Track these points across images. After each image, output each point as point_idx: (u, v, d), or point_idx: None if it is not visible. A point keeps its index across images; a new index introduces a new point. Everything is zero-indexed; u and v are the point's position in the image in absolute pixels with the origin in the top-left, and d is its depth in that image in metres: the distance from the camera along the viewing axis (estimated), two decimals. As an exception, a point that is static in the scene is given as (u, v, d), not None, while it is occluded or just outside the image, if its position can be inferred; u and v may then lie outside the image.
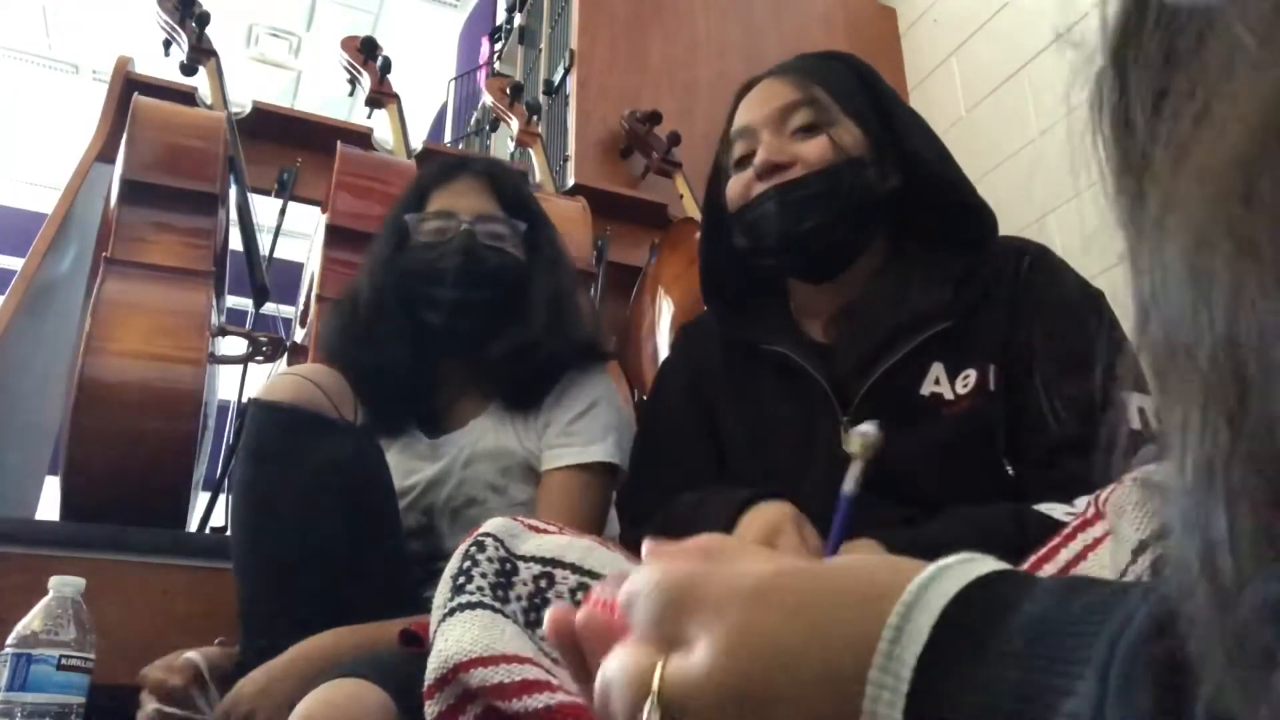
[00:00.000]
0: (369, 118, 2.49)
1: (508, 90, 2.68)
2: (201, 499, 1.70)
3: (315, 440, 1.08)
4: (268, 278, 1.90)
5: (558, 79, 2.87)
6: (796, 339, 1.02)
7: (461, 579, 0.65)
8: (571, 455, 1.17)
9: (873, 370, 0.94)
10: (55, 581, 0.99)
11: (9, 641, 0.95)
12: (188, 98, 2.09)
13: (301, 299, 2.15)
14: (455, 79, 4.14)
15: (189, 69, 2.20)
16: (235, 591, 1.07)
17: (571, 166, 2.59)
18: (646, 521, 0.99)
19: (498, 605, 0.65)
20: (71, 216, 1.89)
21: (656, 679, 0.31)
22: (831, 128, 0.98)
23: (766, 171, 0.98)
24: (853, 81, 1.03)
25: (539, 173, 2.45)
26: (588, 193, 2.35)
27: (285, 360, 1.90)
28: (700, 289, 1.14)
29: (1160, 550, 0.26)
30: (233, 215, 1.93)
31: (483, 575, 0.66)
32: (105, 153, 2.00)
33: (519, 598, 0.67)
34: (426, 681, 0.61)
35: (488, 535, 0.69)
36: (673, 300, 2.12)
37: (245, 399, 1.83)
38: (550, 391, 1.23)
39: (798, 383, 0.98)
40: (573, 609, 0.38)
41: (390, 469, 1.24)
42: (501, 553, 0.68)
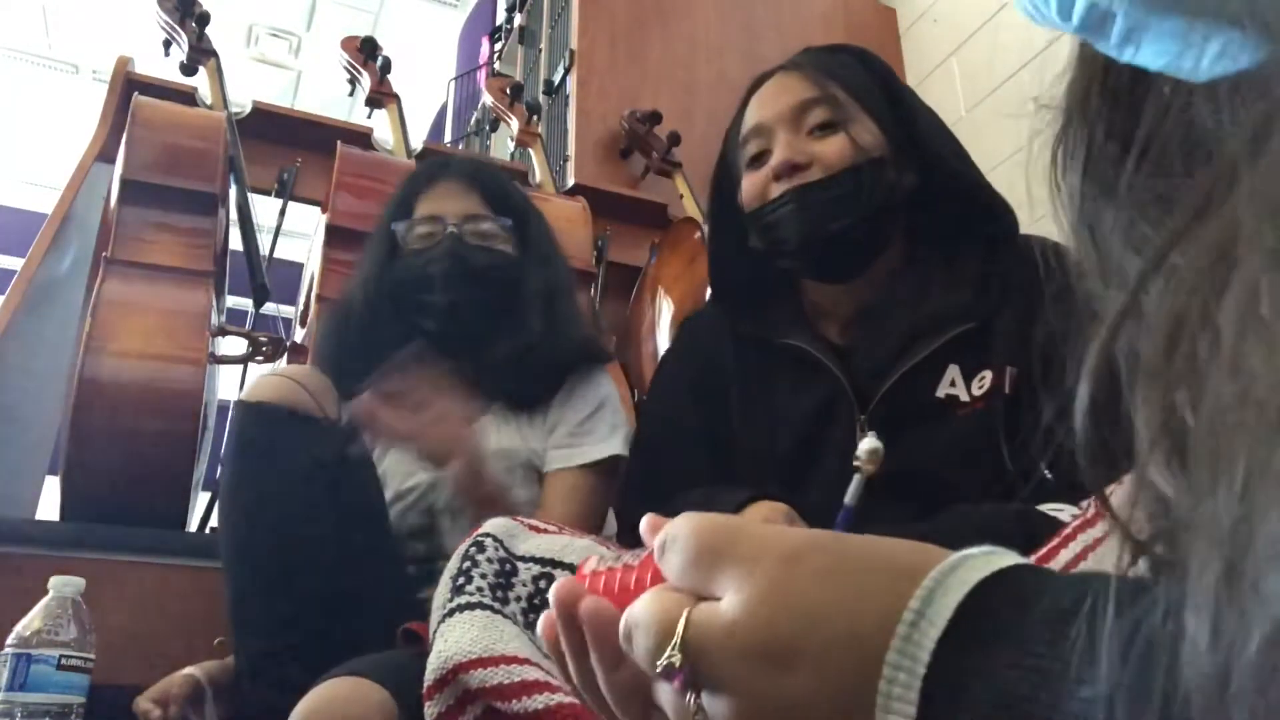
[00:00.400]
0: (369, 118, 2.49)
1: (508, 90, 2.68)
2: (201, 499, 1.70)
3: (299, 438, 1.08)
4: (268, 278, 1.90)
5: (558, 79, 2.87)
6: (813, 336, 1.01)
7: (461, 579, 0.66)
8: (583, 455, 1.18)
9: (891, 373, 0.93)
10: (55, 581, 0.99)
11: (9, 641, 0.95)
12: (188, 98, 2.09)
13: (301, 299, 2.15)
14: (455, 79, 4.13)
15: (189, 69, 2.19)
16: (226, 593, 1.06)
17: (571, 166, 2.59)
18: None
19: (497, 606, 0.65)
20: (71, 216, 1.89)
21: (682, 623, 0.32)
22: (849, 125, 0.96)
23: (785, 172, 0.96)
24: (867, 76, 1.01)
25: (539, 173, 2.45)
26: (588, 193, 2.35)
27: (285, 360, 1.91)
28: (709, 284, 1.13)
29: (1160, 553, 0.26)
30: (233, 215, 1.93)
31: (482, 576, 0.66)
32: (105, 153, 2.00)
33: (518, 598, 0.67)
34: (426, 682, 0.61)
35: (487, 535, 0.69)
36: (673, 300, 2.12)
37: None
38: (555, 392, 1.23)
39: (813, 380, 0.97)
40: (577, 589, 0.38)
41: (392, 470, 1.25)
42: (501, 553, 0.68)
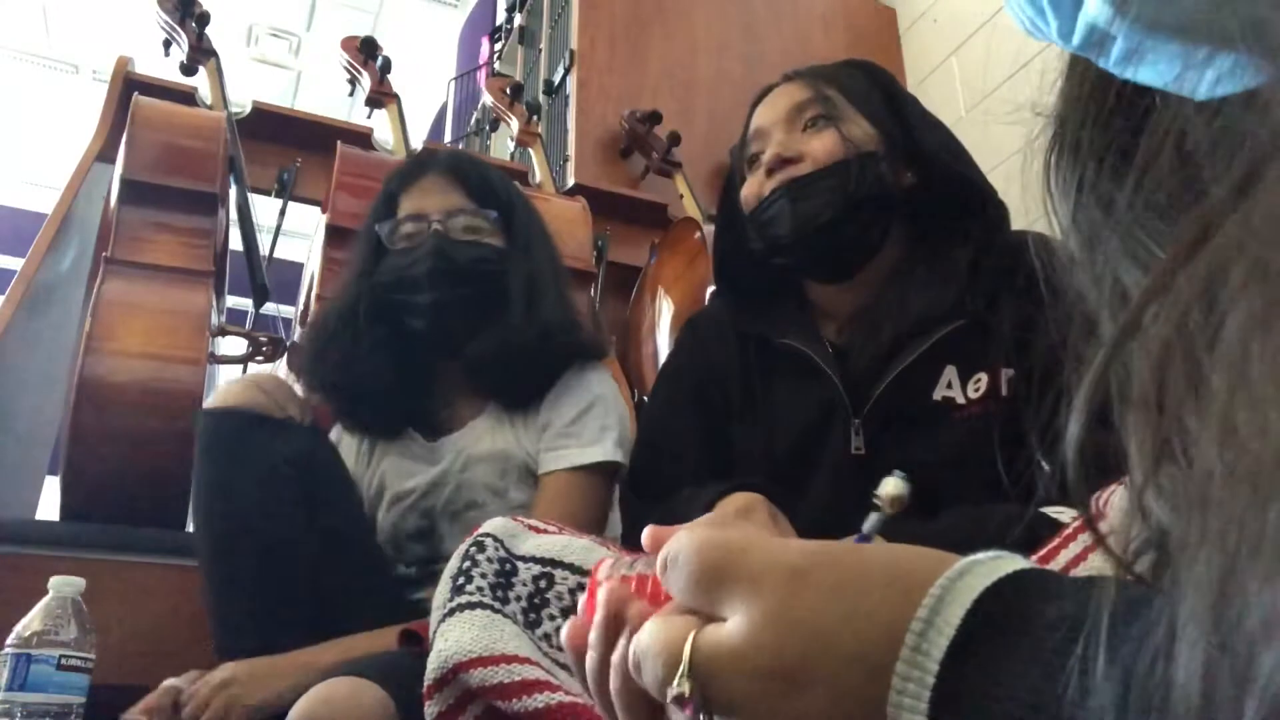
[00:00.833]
0: (369, 118, 2.49)
1: (508, 90, 2.68)
2: (201, 499, 1.70)
3: (264, 438, 1.09)
4: (268, 278, 1.90)
5: (558, 79, 2.87)
6: (813, 337, 1.02)
7: (461, 579, 0.65)
8: (570, 457, 1.16)
9: (885, 375, 0.94)
10: (55, 581, 0.99)
11: (9, 641, 0.95)
12: (188, 98, 2.09)
13: (301, 299, 2.15)
14: (455, 79, 4.13)
15: (189, 69, 2.20)
16: (206, 596, 1.08)
17: (571, 166, 2.59)
18: (645, 522, 0.99)
19: (497, 605, 0.65)
20: (71, 216, 1.89)
21: (688, 649, 0.31)
22: (841, 122, 0.98)
23: (776, 165, 0.98)
24: (866, 82, 1.03)
25: (539, 173, 2.45)
26: (588, 193, 2.35)
27: (285, 360, 1.91)
28: (715, 287, 1.14)
29: (1159, 554, 0.26)
30: (233, 215, 1.93)
31: (482, 575, 0.66)
32: (105, 153, 2.00)
33: (518, 598, 0.67)
34: (426, 681, 0.61)
35: (487, 535, 0.69)
36: (673, 300, 2.12)
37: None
38: (547, 389, 1.22)
39: (812, 381, 0.98)
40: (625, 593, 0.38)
41: (391, 472, 1.24)
42: (501, 553, 0.68)
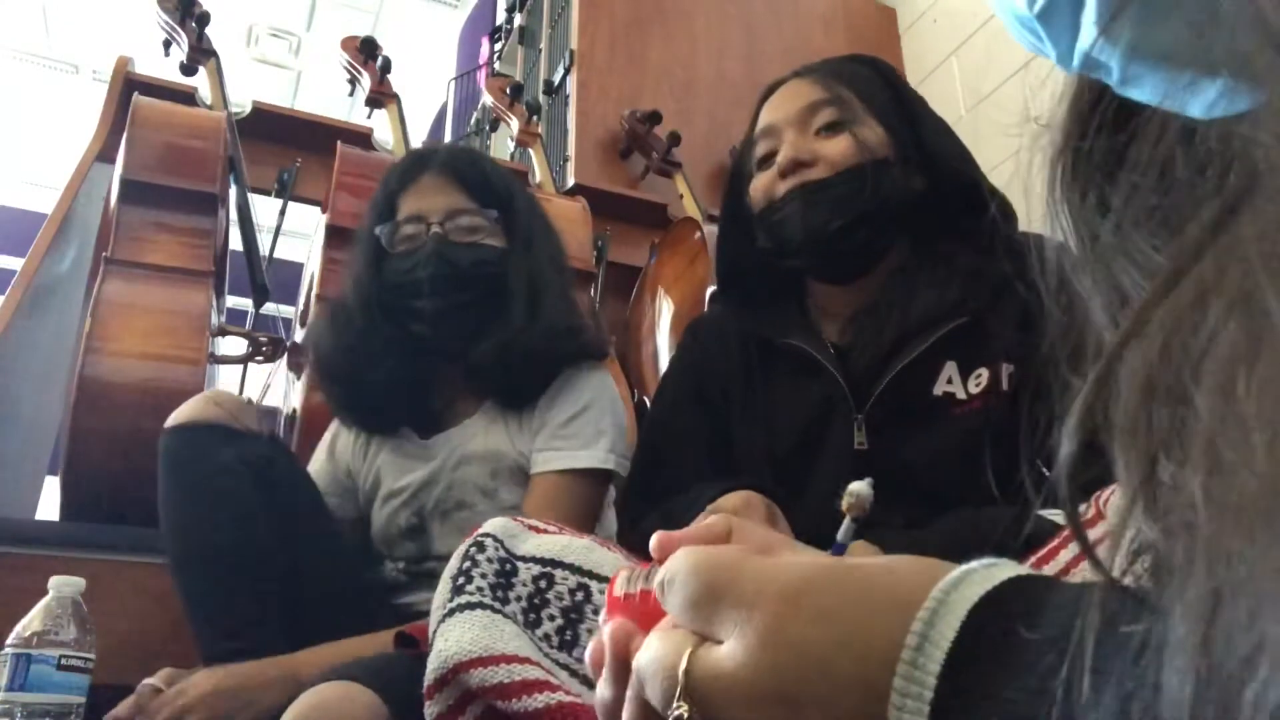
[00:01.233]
0: (369, 118, 2.49)
1: (508, 90, 2.68)
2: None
3: (221, 447, 1.10)
4: (268, 278, 1.91)
5: (558, 79, 2.87)
6: (815, 337, 1.02)
7: (461, 579, 0.65)
8: (561, 460, 1.15)
9: (886, 372, 0.94)
10: (55, 581, 0.99)
11: (9, 641, 0.95)
12: (188, 98, 2.09)
13: (301, 299, 2.15)
14: (455, 79, 4.13)
15: (189, 69, 2.20)
16: (184, 606, 1.09)
17: (571, 166, 2.59)
18: (646, 521, 0.99)
19: (497, 605, 0.65)
20: (71, 216, 1.89)
21: (682, 670, 0.31)
22: (856, 126, 0.98)
23: (790, 169, 0.97)
24: (877, 82, 1.03)
25: (539, 173, 2.45)
26: (588, 193, 2.35)
27: (285, 360, 1.91)
28: (717, 286, 1.14)
29: (1159, 555, 0.26)
30: (233, 215, 1.93)
31: (482, 576, 0.66)
32: (105, 153, 2.00)
33: (519, 598, 0.67)
34: (426, 682, 0.61)
35: (487, 535, 0.69)
36: (673, 300, 2.12)
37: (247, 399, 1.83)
38: (544, 390, 1.21)
39: (814, 379, 0.98)
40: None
41: (385, 468, 1.25)
42: (501, 553, 0.68)
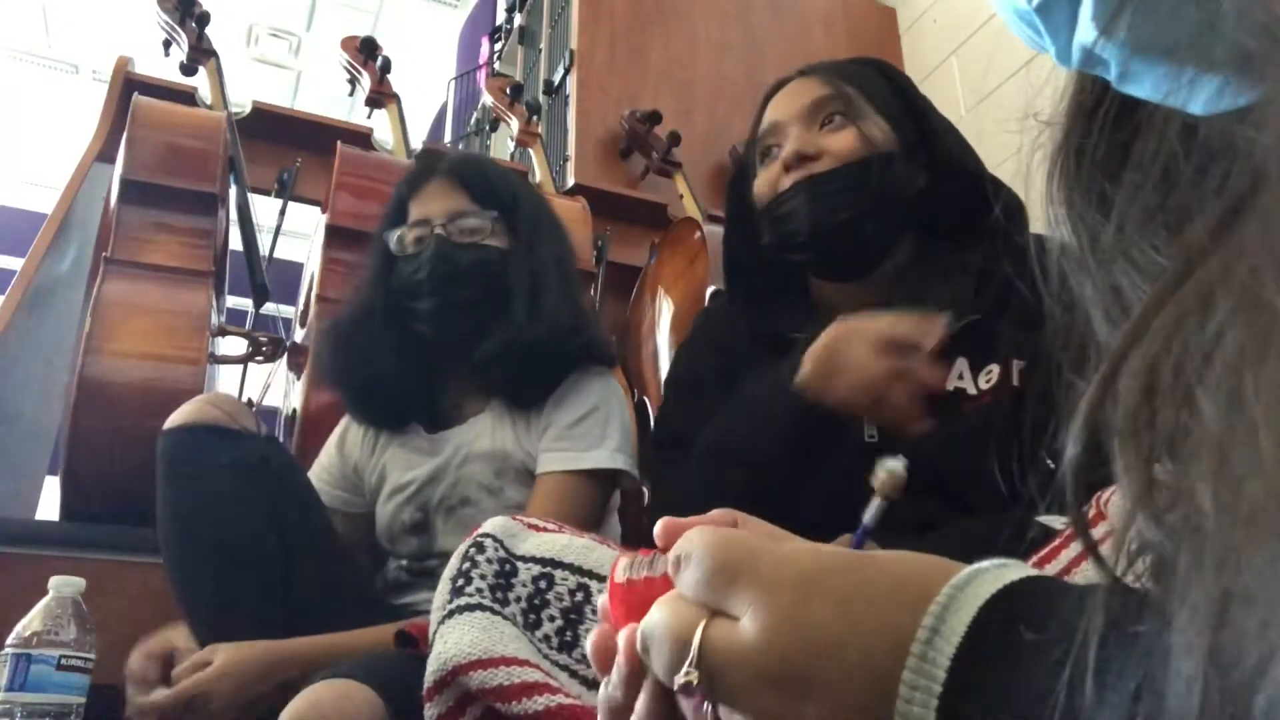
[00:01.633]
0: (369, 118, 2.49)
1: (508, 90, 2.68)
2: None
3: (219, 448, 1.11)
4: (268, 278, 1.90)
5: (558, 79, 2.87)
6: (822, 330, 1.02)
7: (461, 580, 0.65)
8: (565, 461, 1.16)
9: None
10: (55, 581, 0.99)
11: (9, 641, 0.95)
12: (188, 98, 2.09)
13: (301, 299, 2.15)
14: (455, 79, 4.13)
15: (189, 69, 2.19)
16: (183, 610, 1.09)
17: (571, 166, 2.59)
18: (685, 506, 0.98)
19: (497, 607, 0.64)
20: (71, 216, 1.89)
21: (697, 639, 0.32)
22: (860, 121, 0.98)
23: (795, 162, 0.98)
24: (882, 81, 1.03)
25: (539, 173, 2.45)
26: (588, 193, 2.35)
27: (285, 360, 1.91)
28: (725, 285, 1.14)
29: (1160, 555, 0.26)
30: (233, 215, 1.93)
31: (482, 576, 0.66)
32: (105, 153, 2.00)
33: (518, 599, 0.67)
34: (426, 684, 0.61)
35: (487, 536, 0.68)
36: (673, 300, 2.12)
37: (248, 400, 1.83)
38: (552, 390, 1.22)
39: None
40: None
41: (391, 464, 1.26)
42: (501, 553, 0.68)
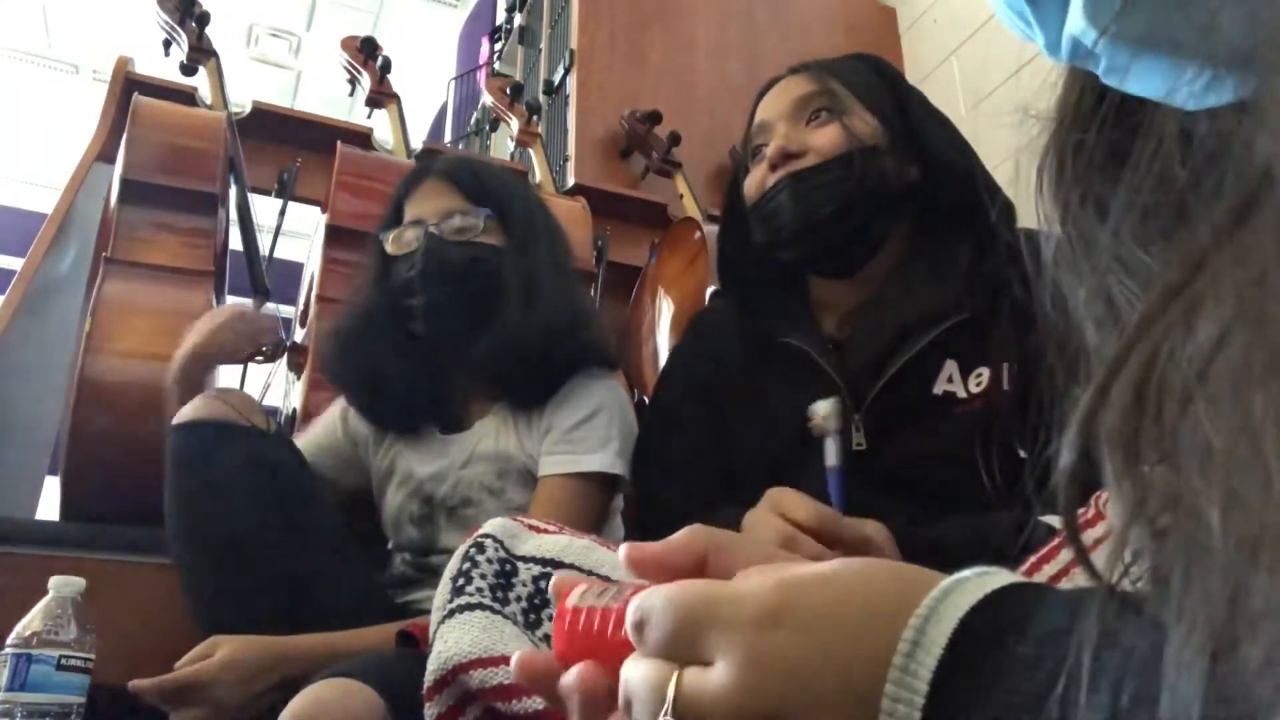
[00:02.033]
0: (369, 118, 2.49)
1: (508, 90, 2.68)
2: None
3: (231, 444, 1.12)
4: (268, 278, 1.90)
5: (558, 79, 2.87)
6: (813, 334, 1.02)
7: (461, 580, 0.65)
8: (567, 464, 1.16)
9: (885, 369, 0.94)
10: (55, 581, 0.99)
11: (9, 641, 0.95)
12: (188, 98, 2.09)
13: (301, 299, 2.15)
14: (455, 79, 4.13)
15: (189, 69, 2.19)
16: (190, 607, 1.10)
17: (571, 166, 2.59)
18: (663, 525, 0.98)
19: (497, 606, 0.64)
20: (71, 216, 1.89)
21: (671, 690, 0.31)
22: (845, 116, 0.98)
23: (779, 159, 0.98)
24: (871, 75, 1.03)
25: (539, 173, 2.45)
26: (588, 193, 2.35)
27: (285, 360, 1.90)
28: (719, 283, 1.14)
29: (1156, 565, 0.26)
30: (233, 215, 1.92)
31: (482, 576, 0.66)
32: (105, 153, 1.99)
33: (519, 599, 0.67)
34: (426, 683, 0.61)
35: (487, 536, 0.69)
36: (673, 300, 2.12)
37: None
38: (553, 391, 1.22)
39: (811, 379, 0.97)
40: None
41: (398, 456, 1.27)
42: (501, 553, 0.68)
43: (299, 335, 2.03)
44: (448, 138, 3.94)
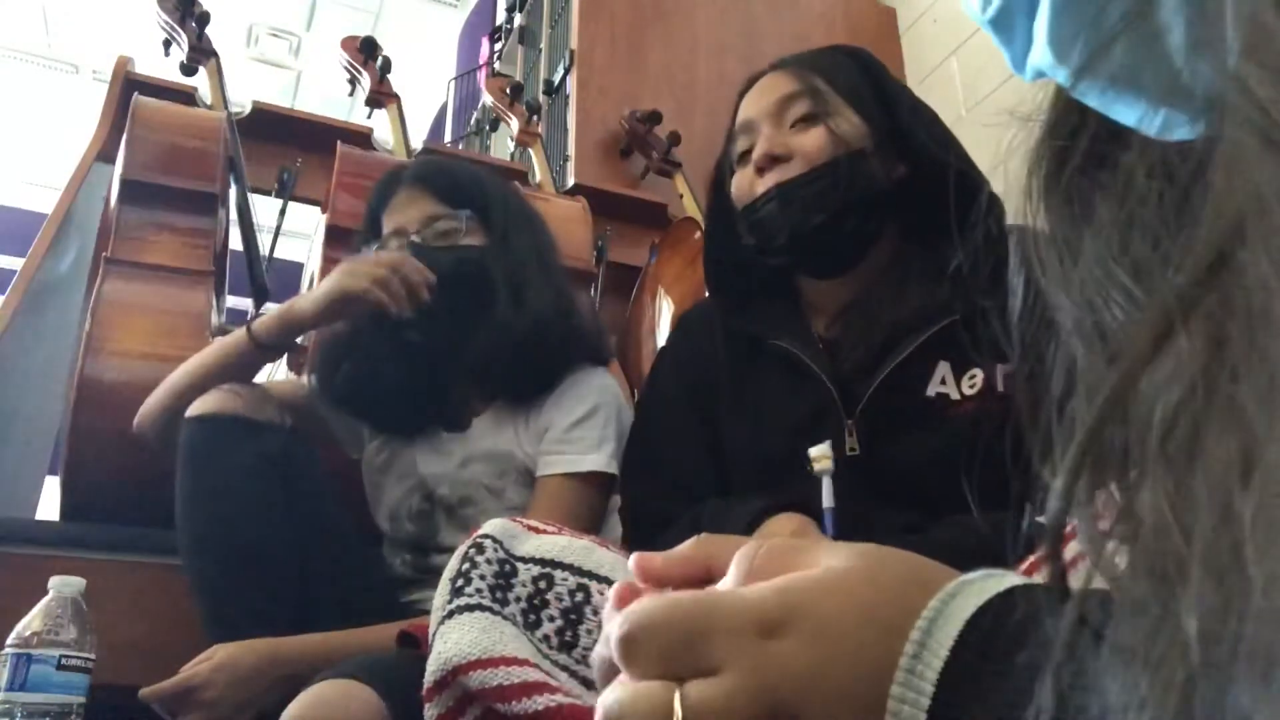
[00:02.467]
0: (369, 118, 2.49)
1: (508, 90, 2.68)
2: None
3: (243, 439, 1.12)
4: (268, 278, 1.90)
5: (558, 79, 2.87)
6: (803, 335, 1.01)
7: (460, 581, 0.65)
8: (565, 463, 1.16)
9: (878, 371, 0.93)
10: (55, 581, 0.99)
11: (9, 641, 0.95)
12: (188, 98, 2.09)
13: (301, 299, 2.15)
14: (455, 79, 4.13)
15: (189, 69, 2.19)
16: (196, 599, 1.10)
17: (571, 166, 2.59)
18: (653, 527, 0.98)
19: (496, 607, 0.64)
20: (71, 216, 1.89)
21: (678, 705, 0.31)
22: (830, 118, 0.97)
23: (765, 164, 0.97)
24: (854, 71, 1.02)
25: (539, 173, 2.45)
26: (588, 193, 2.35)
27: (285, 360, 1.90)
28: (706, 283, 1.13)
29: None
30: (233, 215, 1.93)
31: (481, 577, 0.66)
32: (105, 153, 2.00)
33: (518, 599, 0.67)
34: (425, 684, 0.61)
35: (487, 537, 0.68)
36: (673, 300, 2.12)
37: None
38: (550, 386, 1.21)
39: (803, 380, 0.97)
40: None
41: (401, 448, 1.27)
42: (500, 554, 0.68)
43: (299, 336, 2.02)
44: (448, 138, 3.94)
